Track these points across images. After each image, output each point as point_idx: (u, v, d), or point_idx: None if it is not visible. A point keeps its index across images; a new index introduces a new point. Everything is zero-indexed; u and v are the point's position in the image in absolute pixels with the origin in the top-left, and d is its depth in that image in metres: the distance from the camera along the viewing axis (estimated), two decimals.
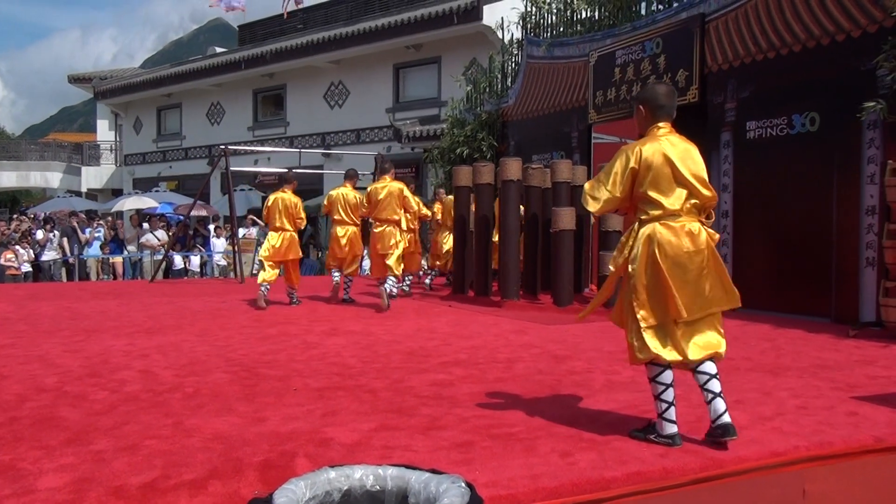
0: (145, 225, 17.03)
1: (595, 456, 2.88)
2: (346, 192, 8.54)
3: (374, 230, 8.08)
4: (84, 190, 31.31)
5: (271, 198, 8.38)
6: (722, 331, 3.16)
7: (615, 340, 5.94)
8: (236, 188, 15.41)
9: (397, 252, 7.89)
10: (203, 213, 18.51)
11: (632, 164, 3.16)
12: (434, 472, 2.00)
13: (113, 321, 7.05)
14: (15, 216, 20.29)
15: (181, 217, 17.03)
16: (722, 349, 3.13)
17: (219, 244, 16.43)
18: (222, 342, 5.76)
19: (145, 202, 20.58)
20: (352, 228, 8.43)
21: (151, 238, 16.32)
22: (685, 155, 3.20)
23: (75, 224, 16.26)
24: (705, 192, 3.17)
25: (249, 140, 24.11)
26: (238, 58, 24.05)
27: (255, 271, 16.29)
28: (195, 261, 16.78)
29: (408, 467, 2.03)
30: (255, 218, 17.35)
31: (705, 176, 3.24)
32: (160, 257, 14.85)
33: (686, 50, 9.20)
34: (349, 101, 22.47)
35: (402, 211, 8.07)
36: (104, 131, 33.61)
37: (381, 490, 1.99)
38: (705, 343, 3.09)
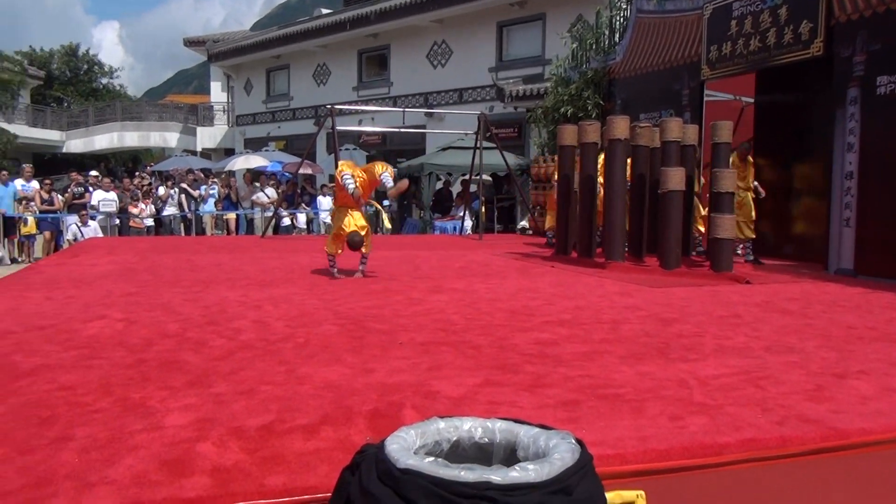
0: (256, 184, 17.66)
1: (707, 421, 2.79)
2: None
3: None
4: (199, 149, 32.74)
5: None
6: None
7: (725, 304, 5.74)
8: (341, 147, 15.69)
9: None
10: (310, 171, 18.99)
11: None
12: (543, 427, 1.98)
13: (227, 274, 7.37)
14: (137, 173, 21.43)
15: (289, 175, 17.56)
16: None
17: (325, 202, 16.86)
18: (329, 296, 5.92)
19: (255, 161, 21.32)
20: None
21: (262, 196, 16.93)
22: None
23: (184, 185, 17.01)
24: None
25: (354, 100, 24.47)
26: (343, 18, 24.33)
27: None
28: (301, 218, 17.31)
29: (516, 421, 2.01)
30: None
31: None
32: (270, 214, 15.38)
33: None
34: (452, 60, 22.37)
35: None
36: (217, 93, 34.90)
37: (489, 442, 1.99)
38: None
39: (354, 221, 7.03)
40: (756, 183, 9.44)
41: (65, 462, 2.27)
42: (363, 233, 7.04)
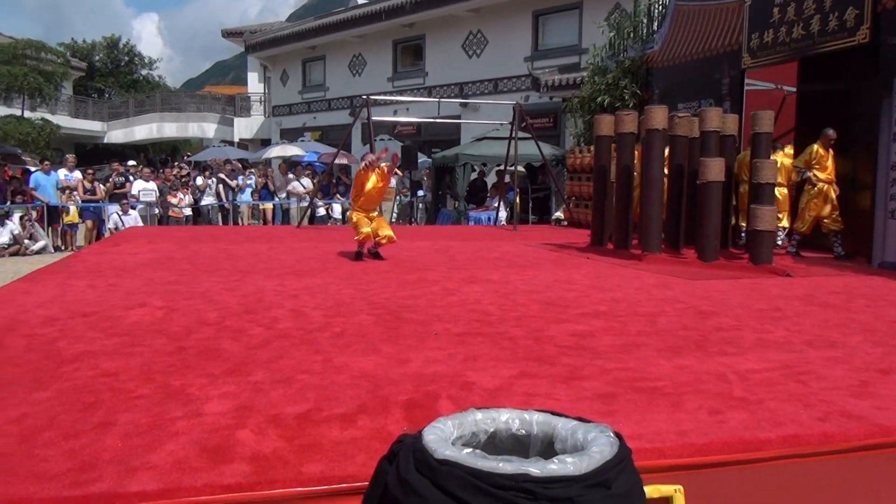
0: (291, 174, 17.82)
1: (747, 416, 2.75)
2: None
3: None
4: (236, 140, 33.12)
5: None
6: None
7: (765, 297, 5.65)
8: (376, 138, 15.71)
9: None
10: (345, 161, 19.09)
11: None
12: (581, 419, 1.97)
13: (264, 263, 7.45)
14: (176, 163, 21.75)
15: (325, 165, 17.67)
16: None
17: None
18: (365, 286, 5.95)
19: (291, 151, 21.49)
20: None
21: (298, 186, 17.08)
22: None
23: (222, 175, 17.21)
24: None
25: (389, 91, 24.50)
26: (379, 9, 24.35)
27: (393, 219, 16.72)
28: (337, 208, 17.41)
29: (554, 413, 2.01)
30: (395, 168, 17.71)
31: None
32: (306, 204, 15.50)
33: None
34: (487, 50, 22.28)
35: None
36: (254, 84, 35.25)
37: (526, 434, 1.98)
38: None
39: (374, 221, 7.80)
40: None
41: (108, 447, 2.32)
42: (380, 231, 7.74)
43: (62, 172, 16.08)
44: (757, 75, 10.83)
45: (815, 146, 8.68)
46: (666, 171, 8.74)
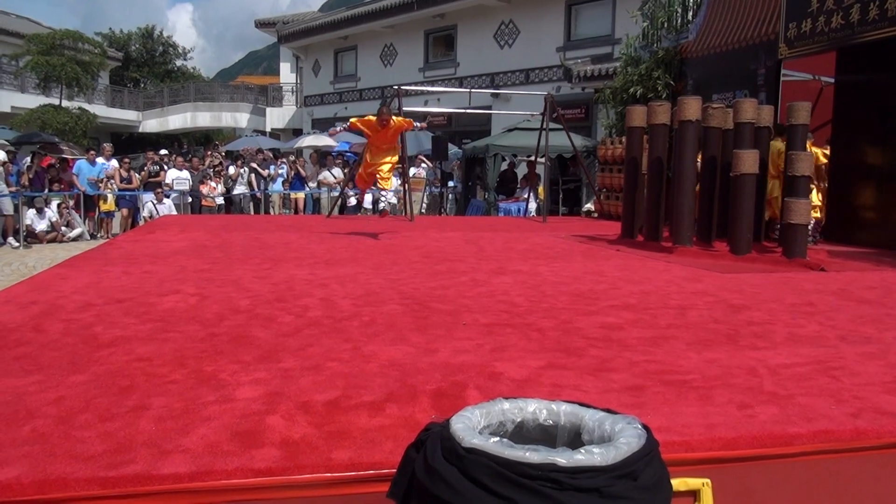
0: (322, 167, 17.90)
1: (777, 411, 2.72)
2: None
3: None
4: (268, 130, 33.39)
5: None
6: None
7: (798, 292, 5.57)
8: None
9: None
10: None
11: None
12: (608, 411, 1.97)
13: (295, 252, 7.52)
14: (208, 152, 21.99)
15: (355, 156, 17.74)
16: None
17: (391, 183, 16.97)
18: (394, 276, 5.98)
19: (323, 141, 21.60)
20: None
21: (329, 176, 17.18)
22: None
23: (254, 164, 17.35)
24: None
25: (420, 81, 24.51)
26: None
27: (423, 210, 16.75)
28: (367, 198, 17.48)
29: (581, 405, 2.01)
30: (423, 158, 17.75)
31: None
32: (336, 194, 15.59)
33: None
34: (519, 40, 22.17)
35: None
36: (286, 74, 35.47)
37: (553, 425, 1.98)
38: None
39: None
40: None
41: (142, 430, 2.37)
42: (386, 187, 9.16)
43: (100, 161, 16.36)
44: (794, 65, 10.64)
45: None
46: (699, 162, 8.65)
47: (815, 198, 9.09)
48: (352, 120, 9.15)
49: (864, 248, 8.79)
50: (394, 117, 8.92)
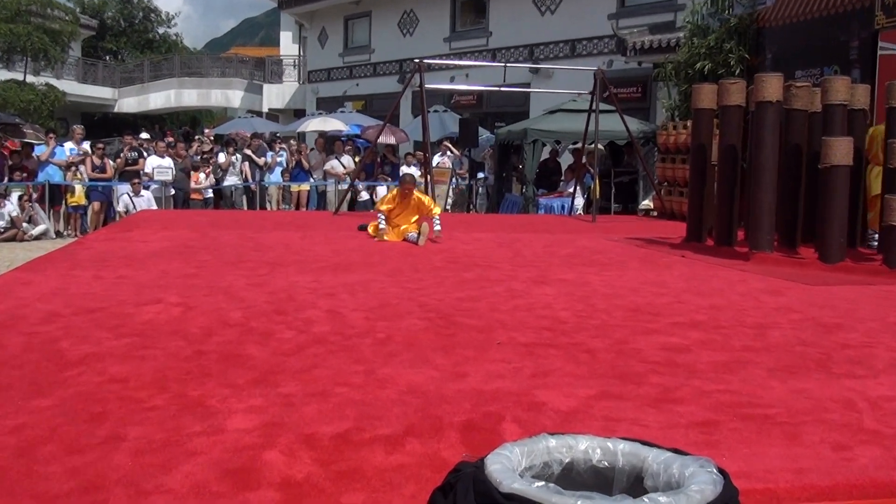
0: (328, 154, 17.93)
1: (880, 452, 2.68)
2: None
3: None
4: (265, 110, 33.57)
5: None
6: None
7: None
8: (430, 109, 15.77)
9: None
10: (391, 139, 19.16)
11: None
12: (676, 451, 1.94)
13: (296, 255, 7.55)
14: (197, 137, 22.18)
15: (367, 142, 17.79)
16: None
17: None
18: (415, 284, 5.98)
19: (331, 124, 21.66)
20: None
21: (336, 165, 17.19)
22: None
23: (248, 151, 17.35)
24: None
25: (445, 53, 24.55)
26: None
27: (448, 206, 16.77)
28: (382, 192, 17.51)
29: (643, 443, 1.98)
30: (449, 144, 17.76)
31: None
32: (345, 187, 15.63)
33: None
34: (563, 5, 22.11)
35: None
36: (287, 45, 35.70)
37: (609, 467, 1.96)
38: None
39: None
40: None
41: (117, 465, 2.37)
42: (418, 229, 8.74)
43: (68, 146, 16.54)
44: (893, 37, 10.52)
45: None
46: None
47: None
48: (380, 208, 9.34)
49: None
50: (417, 192, 9.34)
